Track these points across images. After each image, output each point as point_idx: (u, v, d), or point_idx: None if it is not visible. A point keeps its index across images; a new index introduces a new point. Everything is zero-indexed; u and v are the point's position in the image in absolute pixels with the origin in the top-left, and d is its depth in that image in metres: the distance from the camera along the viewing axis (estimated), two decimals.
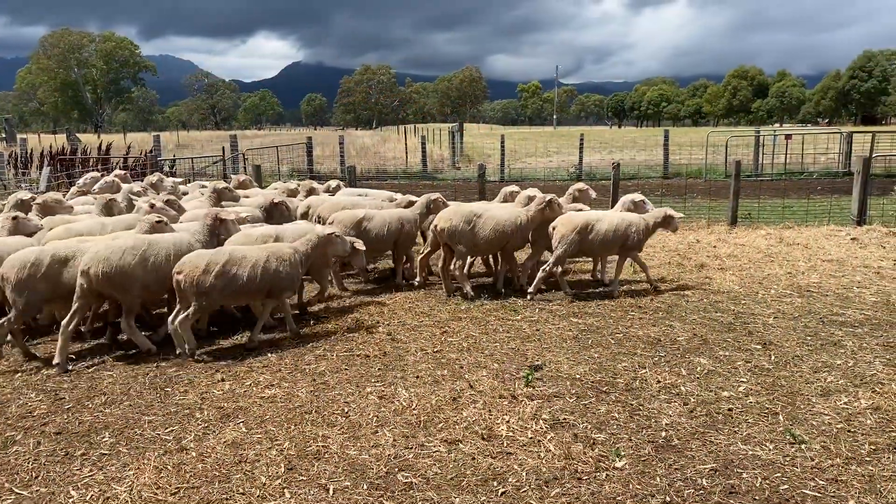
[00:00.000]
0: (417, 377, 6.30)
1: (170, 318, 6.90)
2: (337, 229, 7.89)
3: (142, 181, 12.05)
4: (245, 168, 21.91)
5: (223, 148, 22.33)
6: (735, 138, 29.20)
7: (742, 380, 6.26)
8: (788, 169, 26.57)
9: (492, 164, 29.06)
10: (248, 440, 5.14)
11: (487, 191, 16.14)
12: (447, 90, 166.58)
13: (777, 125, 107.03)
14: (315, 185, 11.79)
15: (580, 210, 9.48)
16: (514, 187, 10.58)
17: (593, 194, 10.47)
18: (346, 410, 5.63)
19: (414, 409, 5.64)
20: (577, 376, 6.33)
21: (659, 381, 6.19)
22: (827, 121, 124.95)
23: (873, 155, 16.21)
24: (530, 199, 9.44)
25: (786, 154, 27.30)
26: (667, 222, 9.10)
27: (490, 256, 10.13)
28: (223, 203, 9.61)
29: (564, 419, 5.47)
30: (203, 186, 12.21)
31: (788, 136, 27.92)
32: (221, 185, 10.01)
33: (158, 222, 7.56)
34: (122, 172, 12.76)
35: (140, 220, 7.75)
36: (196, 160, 20.27)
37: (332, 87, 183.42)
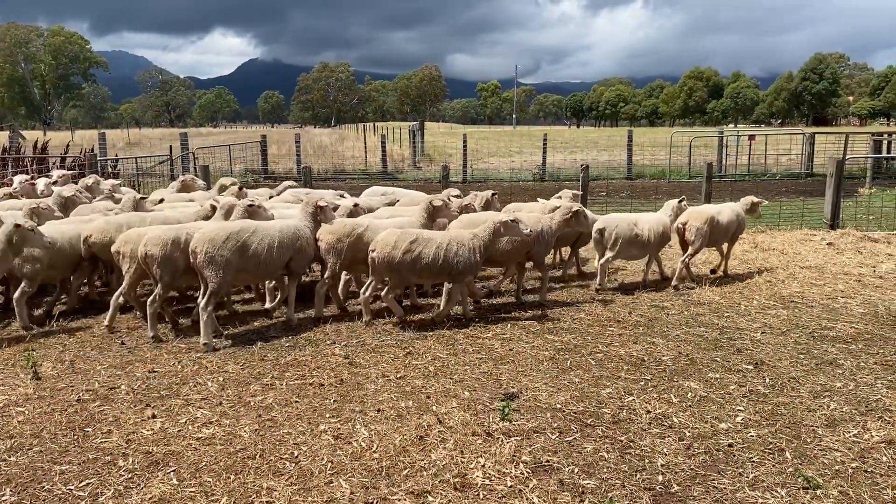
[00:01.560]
0: (378, 410, 5.55)
1: (362, 295, 7.64)
2: (515, 215, 7.88)
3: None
4: (195, 168, 20.85)
5: (171, 147, 21.22)
6: (695, 139, 28.96)
7: (738, 408, 5.66)
8: (751, 170, 26.40)
9: (453, 164, 28.37)
10: (179, 495, 4.34)
11: None
12: (406, 89, 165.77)
13: (732, 125, 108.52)
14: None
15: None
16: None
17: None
18: (295, 454, 4.87)
19: (375, 451, 4.89)
20: (558, 406, 5.66)
21: (649, 412, 5.55)
22: (780, 122, 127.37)
23: (846, 157, 15.93)
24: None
25: (749, 155, 27.13)
26: (753, 209, 10.22)
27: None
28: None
29: (547, 461, 4.78)
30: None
31: (752, 137, 27.78)
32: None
33: (251, 205, 8.06)
34: (67, 173, 11.70)
35: (237, 206, 8.12)
36: (141, 160, 19.18)
37: (289, 85, 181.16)
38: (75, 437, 5.15)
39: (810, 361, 6.69)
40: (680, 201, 9.97)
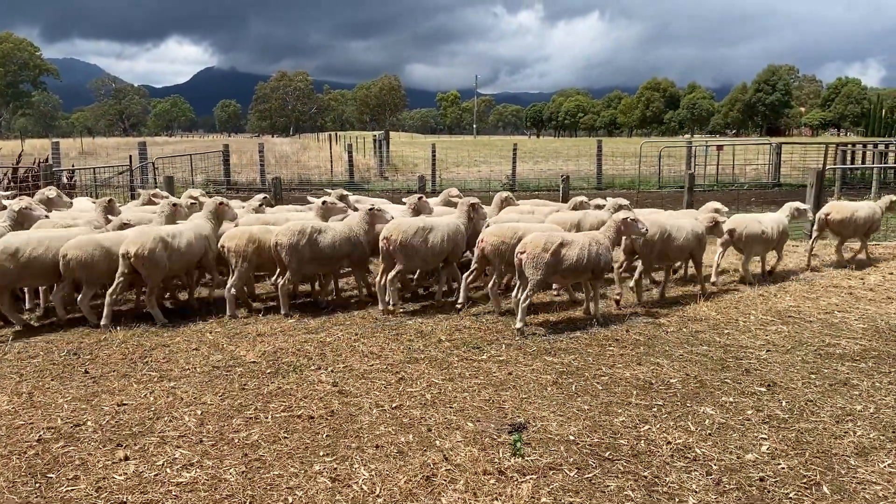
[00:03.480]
0: (377, 447, 5.06)
1: (514, 295, 8.05)
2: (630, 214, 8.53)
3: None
4: (156, 179, 20.05)
5: (130, 157, 20.38)
6: (657, 148, 28.95)
7: (761, 435, 5.30)
8: (720, 180, 26.45)
9: (420, 174, 27.92)
10: None
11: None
12: (366, 98, 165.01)
13: (688, 135, 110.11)
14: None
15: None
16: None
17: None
18: (290, 501, 4.35)
19: (378, 495, 4.40)
20: (571, 437, 5.23)
21: (669, 442, 5.16)
22: (735, 132, 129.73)
23: (826, 167, 15.88)
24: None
25: (717, 165, 27.20)
26: (892, 208, 11.53)
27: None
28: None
29: (570, 503, 4.35)
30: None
31: (720, 147, 27.88)
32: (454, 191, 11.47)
33: (372, 209, 8.92)
34: (55, 191, 10.83)
35: (362, 210, 9.02)
36: (99, 170, 18.33)
37: (246, 93, 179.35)
38: (37, 484, 4.56)
39: (823, 382, 6.38)
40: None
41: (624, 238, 8.73)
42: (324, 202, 9.46)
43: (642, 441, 5.20)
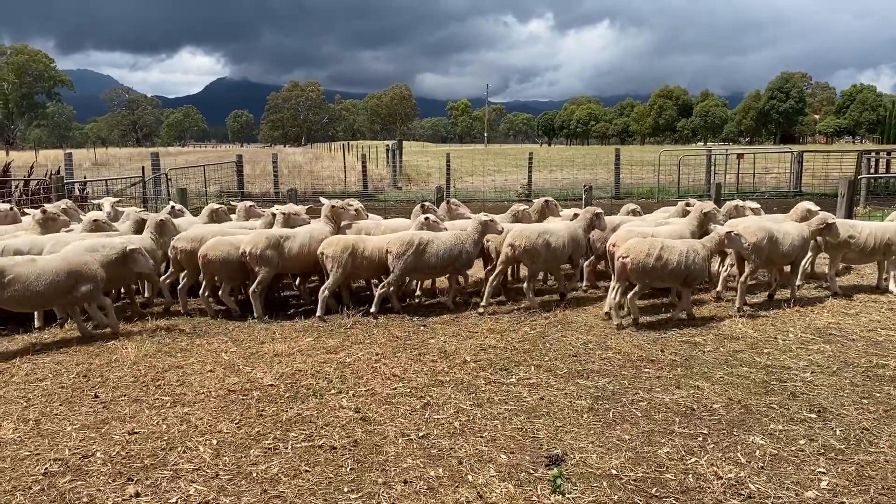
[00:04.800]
0: (405, 482, 4.70)
1: (609, 298, 8.60)
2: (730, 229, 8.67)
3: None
4: (168, 190, 19.81)
5: (143, 167, 20.16)
6: (675, 156, 28.48)
7: (819, 469, 4.91)
8: (740, 189, 25.98)
9: (434, 183, 27.64)
10: None
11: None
12: (377, 107, 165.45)
13: (701, 143, 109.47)
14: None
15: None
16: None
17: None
18: None
19: None
20: (613, 471, 4.86)
21: (720, 477, 4.78)
22: (748, 140, 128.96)
23: (860, 176, 15.43)
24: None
25: (738, 174, 26.72)
26: None
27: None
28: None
29: None
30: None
31: (741, 156, 27.39)
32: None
33: (486, 221, 9.26)
34: (70, 204, 10.61)
35: (477, 222, 9.40)
36: (111, 181, 18.11)
37: (258, 103, 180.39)
38: None
39: (877, 408, 5.98)
40: None
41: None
42: (426, 218, 9.93)
43: (690, 475, 4.82)
